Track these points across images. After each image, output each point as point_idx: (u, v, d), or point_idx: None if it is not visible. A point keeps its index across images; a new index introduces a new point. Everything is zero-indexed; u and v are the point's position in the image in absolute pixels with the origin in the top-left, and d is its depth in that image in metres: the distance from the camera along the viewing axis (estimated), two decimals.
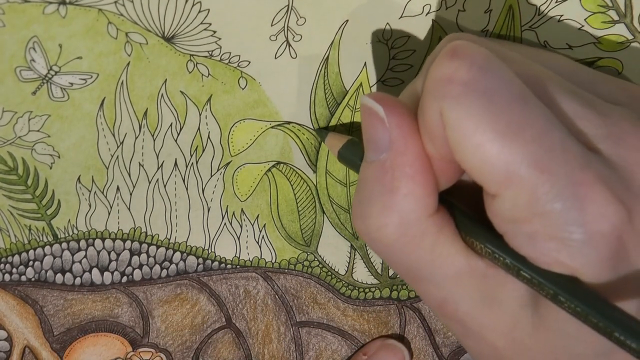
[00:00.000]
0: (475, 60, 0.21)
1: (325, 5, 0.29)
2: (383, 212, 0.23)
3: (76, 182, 0.31)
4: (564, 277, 0.21)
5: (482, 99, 0.21)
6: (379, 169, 0.23)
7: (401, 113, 0.23)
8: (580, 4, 0.29)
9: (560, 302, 0.21)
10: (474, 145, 0.21)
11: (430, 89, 0.22)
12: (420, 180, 0.23)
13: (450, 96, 0.21)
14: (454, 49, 0.22)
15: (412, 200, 0.23)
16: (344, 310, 0.33)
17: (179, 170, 0.31)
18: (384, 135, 0.23)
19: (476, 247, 0.23)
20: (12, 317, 0.32)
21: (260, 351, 0.33)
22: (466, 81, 0.21)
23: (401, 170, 0.23)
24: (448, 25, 0.30)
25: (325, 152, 0.31)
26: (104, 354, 0.32)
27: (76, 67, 0.29)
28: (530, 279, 0.22)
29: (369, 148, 0.24)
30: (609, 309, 0.20)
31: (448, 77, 0.21)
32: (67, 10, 0.28)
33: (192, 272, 0.32)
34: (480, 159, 0.21)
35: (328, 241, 0.32)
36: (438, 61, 0.22)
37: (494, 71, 0.21)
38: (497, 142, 0.20)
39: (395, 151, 0.23)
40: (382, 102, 0.23)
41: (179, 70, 0.30)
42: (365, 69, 0.30)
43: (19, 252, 0.31)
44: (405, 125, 0.23)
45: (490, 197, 0.22)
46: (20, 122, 0.30)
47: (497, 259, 0.22)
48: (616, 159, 0.22)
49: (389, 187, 0.23)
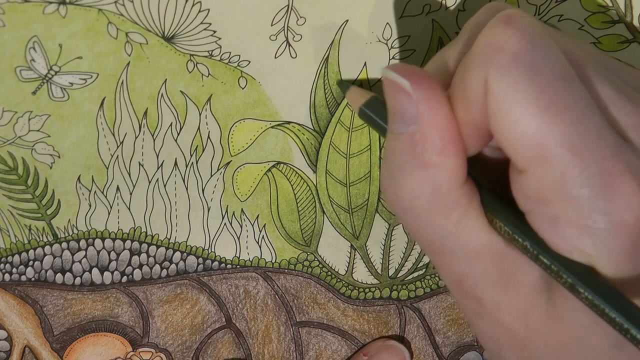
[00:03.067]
0: (528, 32, 0.21)
1: (325, 5, 0.29)
2: (416, 184, 0.23)
3: (76, 182, 0.31)
4: (582, 267, 0.21)
5: (530, 72, 0.21)
6: (409, 142, 0.23)
7: (429, 86, 0.23)
8: (580, 4, 0.29)
9: (577, 292, 0.21)
10: (514, 118, 0.21)
11: (477, 54, 0.22)
12: (451, 152, 0.23)
13: (499, 64, 0.21)
14: (509, 17, 0.21)
15: (444, 172, 0.23)
16: (344, 310, 0.33)
17: (179, 170, 0.31)
18: (411, 107, 0.23)
19: (497, 225, 0.23)
20: (12, 317, 0.32)
21: (260, 351, 0.33)
22: (516, 51, 0.21)
23: (432, 143, 0.22)
24: (448, 25, 0.30)
25: (325, 152, 0.31)
26: (104, 353, 0.32)
27: (76, 67, 0.29)
28: (548, 265, 0.21)
29: (395, 120, 0.23)
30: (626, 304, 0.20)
31: (499, 45, 0.21)
32: (67, 10, 0.28)
33: (192, 272, 0.32)
34: (517, 132, 0.21)
35: (328, 241, 0.32)
36: (490, 27, 0.22)
37: (543, 45, 0.21)
38: (537, 118, 0.20)
39: (424, 124, 0.23)
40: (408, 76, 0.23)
41: (179, 70, 0.30)
42: (366, 69, 0.30)
43: (19, 252, 0.31)
44: (433, 98, 0.23)
45: (517, 172, 0.22)
46: (20, 122, 0.30)
47: (516, 240, 0.22)
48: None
49: (421, 160, 0.23)
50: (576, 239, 0.21)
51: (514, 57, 0.21)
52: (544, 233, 0.21)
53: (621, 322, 0.20)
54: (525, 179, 0.21)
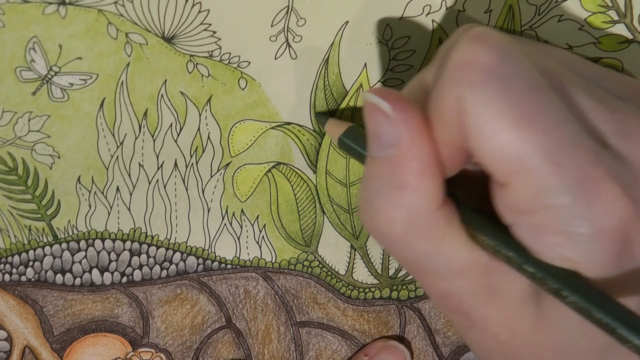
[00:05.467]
0: (497, 47, 0.21)
1: (326, 6, 0.29)
2: (392, 208, 0.23)
3: (76, 183, 0.31)
4: (567, 272, 0.21)
5: (502, 85, 0.21)
6: (386, 165, 0.23)
7: (407, 108, 0.23)
8: (580, 4, 0.29)
9: (563, 297, 0.21)
10: (490, 132, 0.21)
11: (449, 73, 0.22)
12: (428, 175, 0.23)
13: (471, 82, 0.21)
14: (477, 35, 0.22)
15: (421, 195, 0.23)
16: (344, 310, 0.33)
17: (179, 171, 0.31)
18: (390, 130, 0.23)
19: (479, 240, 0.23)
20: (12, 317, 0.32)
21: (260, 351, 0.33)
22: (487, 66, 0.21)
23: (409, 166, 0.23)
24: (448, 26, 0.30)
25: (325, 152, 0.31)
26: (104, 354, 0.32)
27: (76, 68, 0.29)
28: (533, 273, 0.21)
29: (373, 143, 0.24)
30: (612, 305, 0.20)
31: (470, 62, 0.21)
32: (67, 11, 0.28)
33: (192, 272, 0.32)
34: (494, 147, 0.21)
35: (328, 241, 0.32)
36: (460, 46, 0.22)
37: (514, 59, 0.21)
38: (513, 130, 0.20)
39: (402, 147, 0.23)
40: (387, 98, 0.23)
41: (179, 71, 0.30)
42: (366, 70, 0.30)
43: (19, 252, 0.31)
44: (411, 121, 0.23)
45: (499, 186, 0.22)
46: (20, 123, 0.30)
47: (499, 252, 0.22)
48: (626, 154, 0.22)
49: (397, 183, 0.23)
50: (560, 246, 0.21)
51: (484, 73, 0.21)
52: (528, 243, 0.22)
53: (607, 321, 0.20)
54: (506, 193, 0.21)
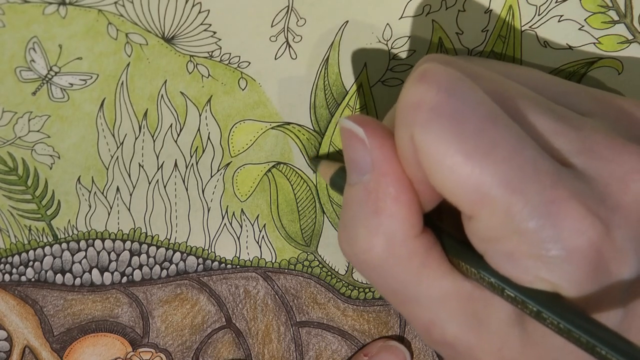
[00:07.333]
0: (442, 84, 0.21)
1: (325, 6, 0.29)
2: (369, 234, 0.23)
3: (76, 183, 0.31)
4: (546, 294, 0.21)
5: (450, 122, 0.21)
6: (362, 191, 0.23)
7: (382, 134, 0.23)
8: (580, 4, 0.29)
9: (543, 319, 0.21)
10: (445, 169, 0.21)
11: (399, 115, 0.22)
12: (404, 200, 0.23)
13: (419, 122, 0.21)
14: (422, 72, 0.22)
15: (398, 221, 0.23)
16: (344, 310, 0.33)
17: (179, 171, 0.31)
18: (366, 156, 0.23)
19: (462, 268, 0.23)
20: (12, 317, 0.32)
21: (260, 351, 0.33)
22: (433, 106, 0.21)
23: (385, 191, 0.23)
24: (448, 26, 0.30)
25: (325, 152, 0.31)
26: (104, 354, 0.32)
27: (76, 68, 0.29)
28: (514, 298, 0.22)
29: (350, 170, 0.24)
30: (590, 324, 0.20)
31: (416, 103, 0.21)
32: (67, 11, 0.28)
33: (192, 272, 0.32)
34: (452, 182, 0.21)
35: (328, 241, 0.32)
36: (406, 86, 0.22)
37: (461, 93, 0.21)
38: (467, 164, 0.20)
39: (377, 172, 0.23)
40: (362, 124, 0.23)
41: (179, 71, 0.30)
42: (366, 70, 0.30)
43: (19, 253, 0.31)
44: (386, 146, 0.23)
45: (467, 218, 0.22)
46: (20, 123, 0.30)
47: (482, 279, 0.22)
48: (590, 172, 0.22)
49: (373, 209, 0.23)
50: (535, 269, 0.21)
51: (432, 111, 0.21)
52: (504, 269, 0.22)
53: (586, 341, 0.20)
54: (474, 223, 0.22)
